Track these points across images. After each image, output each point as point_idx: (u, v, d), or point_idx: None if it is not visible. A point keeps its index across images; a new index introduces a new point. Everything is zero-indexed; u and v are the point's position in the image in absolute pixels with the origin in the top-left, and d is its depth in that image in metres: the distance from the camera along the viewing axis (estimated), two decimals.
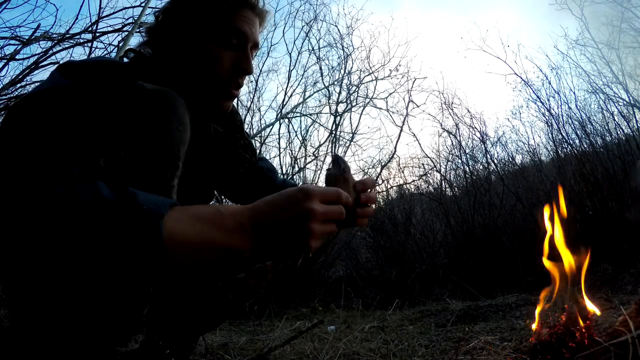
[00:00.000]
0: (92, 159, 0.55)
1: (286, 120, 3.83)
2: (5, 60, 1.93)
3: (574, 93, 3.49)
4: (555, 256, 0.98)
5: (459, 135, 3.57)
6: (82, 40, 2.13)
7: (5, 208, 0.48)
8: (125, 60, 0.80)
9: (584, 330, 0.85)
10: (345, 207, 0.61)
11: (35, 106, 0.57)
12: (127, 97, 0.59)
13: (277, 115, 3.84)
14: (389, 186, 3.76)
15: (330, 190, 0.59)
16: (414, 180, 3.77)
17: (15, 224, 0.48)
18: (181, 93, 0.65)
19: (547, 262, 0.99)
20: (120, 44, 2.13)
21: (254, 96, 3.82)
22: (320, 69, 4.04)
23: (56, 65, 0.69)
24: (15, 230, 0.48)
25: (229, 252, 0.54)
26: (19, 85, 1.98)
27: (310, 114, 3.96)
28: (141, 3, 2.25)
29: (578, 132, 2.95)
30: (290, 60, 3.99)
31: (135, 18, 2.15)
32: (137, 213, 0.48)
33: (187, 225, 0.51)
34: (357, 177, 0.74)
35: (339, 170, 0.71)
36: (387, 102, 3.92)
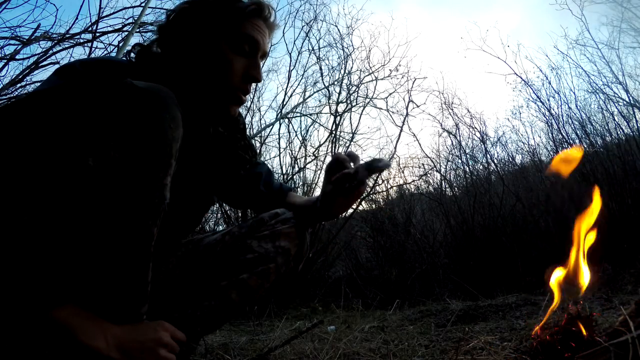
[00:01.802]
0: (80, 158, 0.54)
1: (286, 120, 3.83)
2: (5, 60, 1.93)
3: (574, 93, 3.50)
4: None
5: (459, 135, 3.58)
6: (82, 40, 2.13)
7: None
8: (133, 55, 0.80)
9: (584, 330, 0.85)
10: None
11: (24, 110, 0.57)
12: (116, 95, 0.58)
13: (277, 115, 3.84)
14: (389, 186, 3.77)
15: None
16: (414, 180, 3.77)
17: None
18: (187, 94, 0.64)
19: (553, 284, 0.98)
20: (120, 44, 2.13)
21: (254, 96, 3.81)
22: (320, 69, 4.04)
23: (56, 66, 0.69)
24: None
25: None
26: (19, 85, 1.98)
27: (310, 114, 3.96)
28: (141, 3, 2.25)
29: (578, 132, 2.96)
30: (290, 60, 3.99)
31: (135, 18, 2.15)
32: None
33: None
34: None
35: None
36: (387, 102, 3.91)
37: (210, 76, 0.78)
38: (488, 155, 3.42)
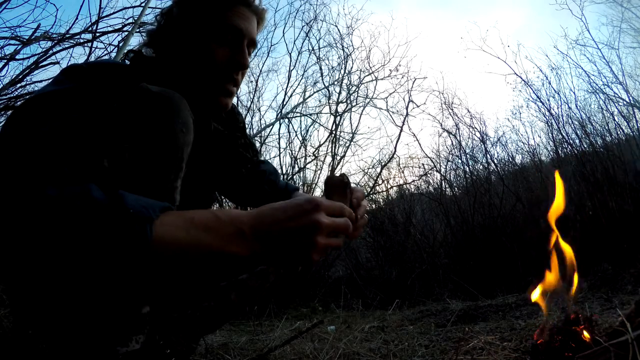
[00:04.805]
0: (95, 159, 0.55)
1: (286, 120, 3.84)
2: (5, 60, 1.93)
3: (574, 93, 3.51)
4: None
5: (459, 135, 3.58)
6: (82, 40, 2.14)
7: (3, 210, 0.48)
8: (127, 61, 0.80)
9: (584, 330, 0.85)
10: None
11: (36, 109, 0.57)
12: (131, 99, 0.59)
13: (277, 115, 3.84)
14: (389, 186, 3.77)
15: (336, 204, 0.60)
16: (414, 180, 3.78)
17: (11, 225, 0.48)
18: (181, 92, 0.65)
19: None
20: (120, 44, 2.13)
21: (254, 96, 3.82)
22: (320, 69, 4.05)
23: (58, 67, 0.69)
24: (12, 231, 0.48)
25: (225, 256, 0.54)
26: (19, 85, 1.98)
27: (310, 114, 3.97)
28: (141, 3, 2.25)
29: (578, 132, 2.96)
30: (290, 60, 4.00)
31: (135, 18, 2.16)
32: (124, 216, 0.48)
33: (179, 230, 0.51)
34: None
35: (345, 178, 0.68)
36: (387, 102, 3.93)
37: (197, 70, 0.78)
38: (488, 155, 3.42)
